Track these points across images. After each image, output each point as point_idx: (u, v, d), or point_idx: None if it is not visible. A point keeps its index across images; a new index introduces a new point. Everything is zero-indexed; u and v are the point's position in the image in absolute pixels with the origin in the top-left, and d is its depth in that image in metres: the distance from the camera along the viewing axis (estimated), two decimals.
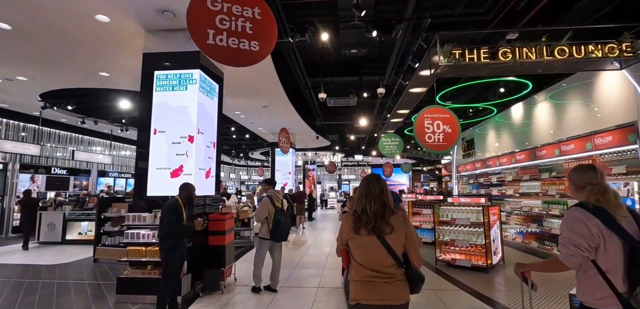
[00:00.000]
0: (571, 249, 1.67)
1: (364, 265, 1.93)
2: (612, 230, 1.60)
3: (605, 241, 1.61)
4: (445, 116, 5.17)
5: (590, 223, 1.63)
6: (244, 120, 12.42)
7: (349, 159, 28.19)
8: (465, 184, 12.81)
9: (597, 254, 1.63)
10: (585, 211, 1.67)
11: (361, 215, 1.98)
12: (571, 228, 1.69)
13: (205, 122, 5.35)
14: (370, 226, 1.92)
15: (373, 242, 1.91)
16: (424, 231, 9.29)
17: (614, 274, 1.60)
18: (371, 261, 1.92)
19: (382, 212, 1.95)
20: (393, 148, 10.01)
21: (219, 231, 5.19)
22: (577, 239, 1.65)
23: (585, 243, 1.62)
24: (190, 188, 4.00)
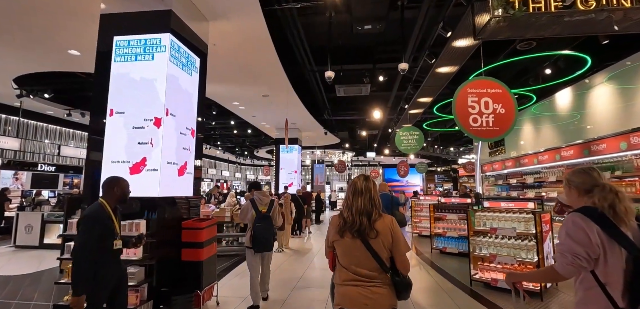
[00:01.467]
0: (569, 258, 1.54)
1: (348, 269, 1.88)
2: (614, 238, 1.48)
3: (605, 250, 1.49)
4: (497, 91, 3.84)
5: (590, 231, 1.50)
6: (244, 112, 11.29)
7: (360, 158, 26.89)
8: (492, 185, 11.42)
9: (597, 265, 1.51)
10: (586, 217, 1.53)
11: (346, 218, 1.90)
12: (570, 235, 1.56)
13: (179, 102, 4.19)
14: (354, 229, 1.85)
15: (357, 246, 1.85)
16: (449, 240, 7.97)
17: (614, 288, 1.48)
18: (355, 265, 1.87)
19: (368, 215, 1.87)
20: (412, 143, 8.75)
21: (195, 243, 4.03)
22: (575, 247, 1.52)
23: (584, 252, 1.50)
24: (120, 184, 2.72)
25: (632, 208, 1.56)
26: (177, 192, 4.11)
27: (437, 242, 8.25)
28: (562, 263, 1.58)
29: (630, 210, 1.55)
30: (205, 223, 4.17)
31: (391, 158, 26.70)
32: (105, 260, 2.42)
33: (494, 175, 11.33)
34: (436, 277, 6.26)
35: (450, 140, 18.43)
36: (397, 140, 8.99)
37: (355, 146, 22.40)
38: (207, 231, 4.16)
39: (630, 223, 1.54)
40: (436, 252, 8.19)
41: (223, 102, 10.01)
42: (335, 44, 7.68)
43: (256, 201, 4.29)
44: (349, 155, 22.67)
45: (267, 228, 4.18)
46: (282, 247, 8.37)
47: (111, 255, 2.47)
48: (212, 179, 27.08)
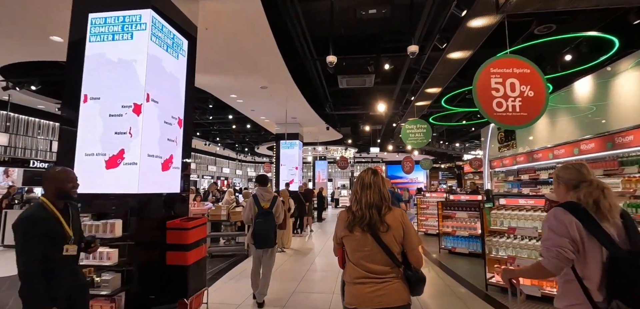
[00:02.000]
0: (553, 251, 1.55)
1: (359, 265, 1.81)
2: (593, 234, 1.51)
3: (584, 245, 1.53)
4: (524, 71, 3.34)
5: (570, 225, 1.54)
6: (243, 106, 10.85)
7: (363, 155, 26.42)
8: (502, 182, 10.92)
9: (576, 259, 1.55)
10: (566, 211, 1.57)
11: (355, 212, 1.83)
12: (553, 229, 1.58)
13: (163, 87, 3.74)
14: (364, 223, 1.78)
15: (368, 241, 1.78)
16: (459, 239, 7.51)
17: (591, 283, 1.52)
18: (366, 260, 1.79)
19: (378, 209, 1.81)
20: (419, 137, 8.27)
21: (180, 245, 3.59)
22: (560, 240, 1.54)
23: (568, 245, 1.52)
24: (54, 178, 2.09)
25: (616, 205, 1.57)
26: (160, 188, 3.67)
27: (446, 241, 7.79)
28: (548, 257, 1.58)
29: (615, 207, 1.56)
30: (192, 222, 3.73)
31: (394, 154, 26.22)
32: (54, 270, 1.97)
33: (504, 170, 10.83)
34: (446, 279, 5.81)
35: (456, 135, 17.91)
36: (403, 134, 8.52)
37: (358, 142, 21.92)
38: (194, 232, 3.72)
39: (613, 220, 1.54)
40: (445, 252, 7.75)
41: (220, 95, 9.57)
42: (338, 32, 7.21)
43: (258, 197, 4.24)
44: (351, 151, 22.21)
45: (267, 224, 4.13)
46: (283, 247, 7.94)
47: (62, 263, 2.02)
48: (212, 176, 26.72)
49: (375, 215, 1.79)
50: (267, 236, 4.14)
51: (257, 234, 4.11)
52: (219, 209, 7.25)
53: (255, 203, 4.20)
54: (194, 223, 3.75)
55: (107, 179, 3.32)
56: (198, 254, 3.80)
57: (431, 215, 10.59)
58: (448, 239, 7.75)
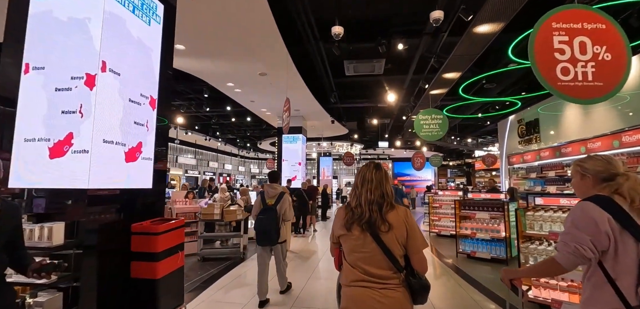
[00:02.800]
0: (571, 246, 1.46)
1: (356, 267, 1.66)
2: (628, 229, 1.39)
3: (616, 242, 1.40)
4: (598, 27, 2.51)
5: (600, 220, 1.41)
6: (241, 96, 10.12)
7: (369, 151, 25.61)
8: (522, 179, 10.08)
9: (606, 257, 1.42)
10: (596, 206, 1.44)
11: (354, 209, 1.70)
12: (576, 223, 1.47)
13: (127, 56, 3.02)
14: (363, 221, 1.64)
15: (367, 241, 1.63)
16: (479, 243, 6.73)
17: (625, 283, 1.38)
18: (364, 262, 1.64)
19: (379, 206, 1.66)
20: (434, 129, 7.47)
21: (147, 254, 2.87)
22: (581, 236, 1.44)
23: (589, 243, 1.41)
24: None
25: None
26: (124, 183, 2.95)
27: (464, 245, 7.02)
28: (564, 252, 1.50)
29: None
30: (164, 225, 3.00)
31: (402, 151, 25.38)
32: None
33: (524, 167, 9.99)
34: (468, 289, 5.05)
35: (469, 130, 17.02)
36: (416, 125, 7.72)
37: (364, 138, 21.13)
38: (166, 238, 3.00)
39: None
40: (463, 257, 6.98)
41: (216, 83, 8.85)
42: (345, 14, 6.44)
43: (265, 193, 4.20)
44: (357, 147, 21.43)
45: (268, 220, 4.04)
46: None
47: None
48: (214, 172, 26.12)
49: (375, 212, 1.64)
50: (268, 233, 4.03)
51: (258, 230, 4.08)
52: (212, 208, 6.55)
53: (261, 200, 4.19)
54: (166, 226, 3.02)
55: (51, 171, 2.61)
56: (171, 264, 3.08)
57: (444, 215, 9.84)
58: (466, 242, 6.98)
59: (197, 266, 6.18)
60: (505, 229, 6.52)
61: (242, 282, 5.30)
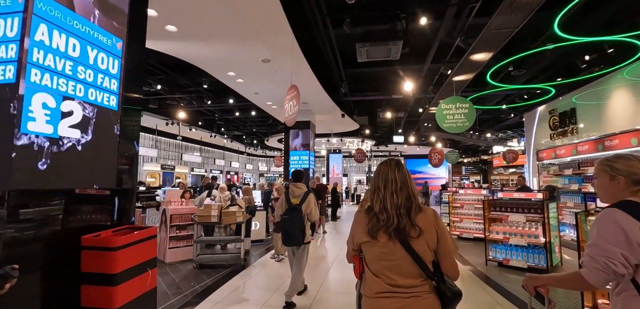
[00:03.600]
0: (599, 262, 1.31)
1: (382, 277, 1.51)
2: None
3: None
4: None
5: (631, 230, 1.26)
6: (244, 88, 9.43)
7: (380, 148, 24.72)
8: (553, 177, 9.12)
9: (638, 271, 1.28)
10: (626, 214, 1.29)
11: (379, 214, 1.53)
12: (604, 234, 1.33)
13: None
14: (392, 228, 1.48)
15: (395, 249, 1.49)
16: (513, 249, 5.89)
17: None
18: (391, 272, 1.50)
19: (407, 209, 1.51)
20: (459, 120, 6.61)
21: (102, 276, 2.17)
22: (610, 249, 1.29)
23: (620, 257, 1.27)
24: None
25: None
26: (65, 178, 2.25)
27: (495, 251, 6.18)
28: (592, 268, 1.34)
29: None
30: (124, 238, 2.29)
31: (415, 148, 24.40)
32: None
33: (557, 163, 9.03)
34: (504, 304, 4.26)
35: (489, 123, 15.97)
36: (438, 116, 6.88)
37: (376, 133, 20.26)
38: (129, 253, 2.29)
39: None
40: (493, 265, 6.16)
41: (216, 72, 8.18)
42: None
43: (289, 192, 4.18)
44: (368, 143, 20.56)
45: (292, 221, 3.98)
46: (279, 255, 6.52)
47: None
48: (221, 170, 25.64)
49: (404, 218, 1.49)
50: (292, 234, 3.97)
51: (282, 230, 4.08)
52: (209, 209, 5.86)
53: (286, 199, 4.15)
54: (127, 238, 2.31)
55: None
56: (137, 287, 2.37)
57: (467, 216, 8.99)
58: (498, 248, 6.13)
59: (191, 275, 5.51)
60: (545, 233, 5.66)
61: (240, 296, 4.60)
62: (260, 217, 8.53)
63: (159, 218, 6.76)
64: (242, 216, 5.98)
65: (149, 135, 17.05)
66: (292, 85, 6.41)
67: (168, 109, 12.73)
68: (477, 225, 8.80)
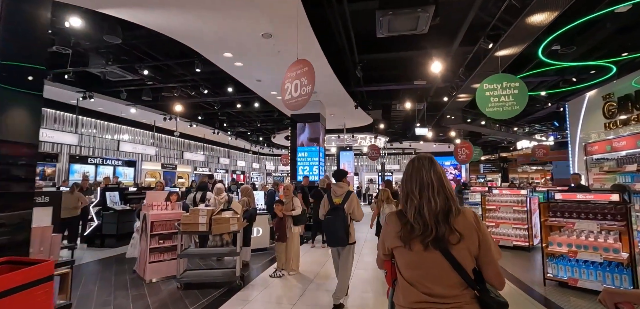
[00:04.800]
0: None
1: (417, 286, 1.37)
2: None
3: None
4: None
5: None
6: (244, 74, 8.29)
7: (394, 145, 23.37)
8: (608, 174, 7.73)
9: None
10: None
11: (414, 222, 1.38)
12: None
13: None
14: (430, 238, 1.34)
15: (432, 256, 1.36)
16: (583, 266, 4.60)
17: None
18: (427, 280, 1.36)
19: (446, 215, 1.36)
20: (507, 102, 5.27)
21: None
22: None
23: None
24: None
25: None
26: None
27: (556, 268, 4.93)
28: None
29: None
30: None
31: (431, 145, 23.01)
32: None
33: (614, 157, 7.64)
34: None
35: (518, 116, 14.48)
36: (479, 98, 5.59)
37: (390, 129, 18.95)
38: None
39: None
40: (553, 285, 4.91)
41: (208, 53, 7.07)
42: None
43: (331, 192, 4.11)
44: (382, 139, 19.27)
45: (335, 221, 3.88)
46: (281, 270, 5.38)
47: None
48: (226, 170, 24.65)
49: (443, 225, 1.35)
50: (336, 234, 3.88)
51: (326, 231, 4.13)
52: (196, 215, 4.73)
53: (328, 199, 4.08)
54: None
55: None
56: None
57: (504, 220, 7.75)
58: (561, 264, 4.87)
59: (172, 299, 4.40)
60: (629, 247, 4.37)
61: None
62: (262, 222, 7.42)
63: (139, 225, 5.67)
64: (237, 224, 4.83)
65: (147, 132, 16.10)
66: (300, 59, 5.23)
67: (164, 102, 11.71)
68: (518, 230, 7.53)
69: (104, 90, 10.10)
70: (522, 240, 7.47)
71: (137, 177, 15.45)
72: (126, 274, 5.55)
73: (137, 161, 15.75)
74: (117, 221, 7.97)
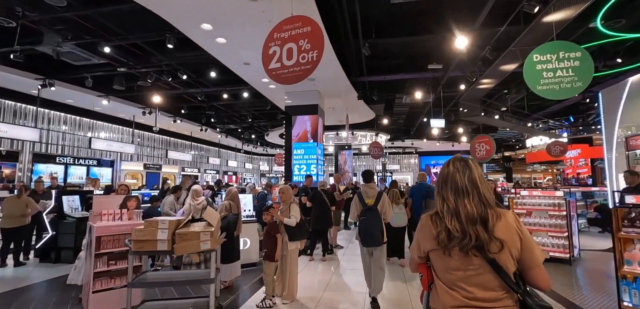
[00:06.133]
0: None
1: (457, 290, 1.35)
2: None
3: None
4: None
5: None
6: (228, 53, 7.01)
7: (395, 143, 22.21)
8: None
9: None
10: None
11: (452, 229, 1.32)
12: None
13: None
14: (470, 245, 1.29)
15: (473, 261, 1.32)
16: None
17: None
18: (467, 283, 1.33)
19: (484, 222, 1.30)
20: (566, 78, 4.03)
21: None
22: None
23: None
24: None
25: None
26: None
27: (636, 294, 3.70)
28: None
29: None
30: None
31: (435, 143, 21.91)
32: None
33: None
34: None
35: (536, 105, 13.30)
36: (528, 72, 4.32)
37: (392, 127, 17.78)
38: None
39: None
40: None
41: (184, 26, 5.80)
42: None
43: (362, 193, 4.18)
44: (383, 137, 18.07)
45: (371, 221, 4.00)
46: (270, 299, 4.13)
47: None
48: (217, 171, 23.28)
49: (482, 232, 1.29)
50: (372, 234, 3.98)
51: (361, 232, 4.08)
52: (153, 229, 3.43)
53: (360, 200, 4.14)
54: None
55: None
56: None
57: (539, 227, 6.64)
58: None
59: None
60: None
61: None
62: (251, 231, 6.18)
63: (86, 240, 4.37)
64: (210, 241, 3.54)
65: (128, 129, 14.70)
66: (297, 15, 3.98)
67: (141, 93, 10.37)
68: (557, 239, 6.38)
69: (67, 77, 8.75)
70: (561, 250, 6.32)
71: (115, 178, 14.06)
72: (67, 305, 4.26)
73: (115, 160, 14.35)
74: (75, 231, 6.65)
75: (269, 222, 4.30)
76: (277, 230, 4.15)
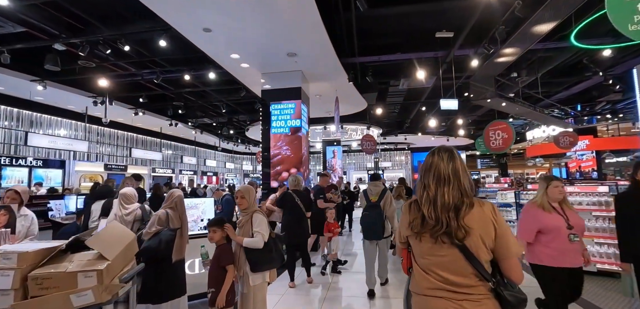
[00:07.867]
0: None
1: (431, 274, 1.43)
2: None
3: None
4: None
5: None
6: (179, 14, 5.38)
7: (386, 139, 20.89)
8: None
9: None
10: None
11: (427, 215, 1.42)
12: None
13: None
14: (440, 232, 1.38)
15: (445, 247, 1.39)
16: None
17: None
18: (440, 268, 1.41)
19: (456, 210, 1.38)
20: None
21: None
22: None
23: None
24: None
25: None
26: None
27: None
28: None
29: None
30: None
31: (429, 137, 20.66)
32: None
33: None
34: None
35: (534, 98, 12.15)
36: (615, 8, 2.92)
37: (385, 120, 16.42)
38: None
39: None
40: None
41: None
42: None
43: (368, 191, 4.49)
44: (374, 132, 16.70)
45: (373, 217, 4.30)
46: None
47: None
48: (194, 171, 21.47)
49: (453, 219, 1.37)
50: (373, 229, 4.29)
51: (363, 226, 4.39)
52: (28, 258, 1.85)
53: (365, 197, 4.48)
54: None
55: None
56: None
57: (589, 232, 5.25)
58: None
59: None
60: None
61: None
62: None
63: None
64: (96, 288, 1.97)
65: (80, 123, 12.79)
66: None
67: (84, 76, 8.62)
68: (606, 248, 5.07)
69: None
70: (611, 261, 5.03)
71: (66, 182, 12.17)
72: None
73: (67, 161, 12.45)
74: None
75: (218, 244, 2.77)
76: (230, 258, 2.63)
